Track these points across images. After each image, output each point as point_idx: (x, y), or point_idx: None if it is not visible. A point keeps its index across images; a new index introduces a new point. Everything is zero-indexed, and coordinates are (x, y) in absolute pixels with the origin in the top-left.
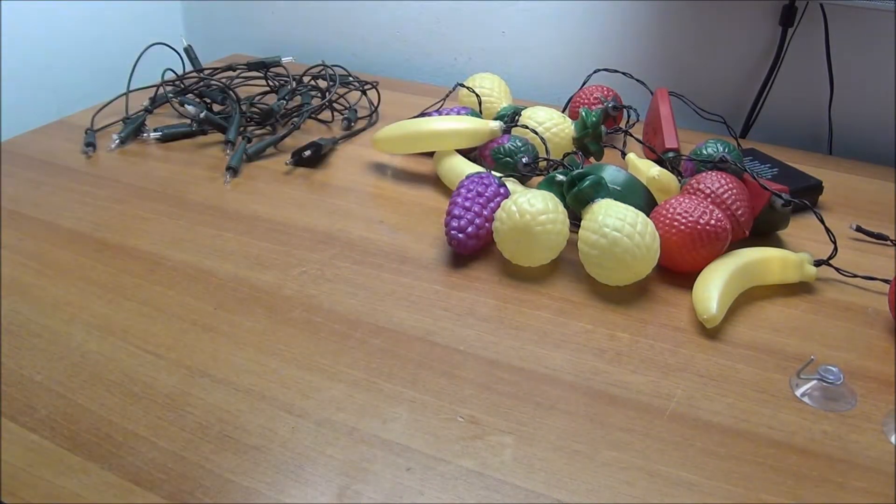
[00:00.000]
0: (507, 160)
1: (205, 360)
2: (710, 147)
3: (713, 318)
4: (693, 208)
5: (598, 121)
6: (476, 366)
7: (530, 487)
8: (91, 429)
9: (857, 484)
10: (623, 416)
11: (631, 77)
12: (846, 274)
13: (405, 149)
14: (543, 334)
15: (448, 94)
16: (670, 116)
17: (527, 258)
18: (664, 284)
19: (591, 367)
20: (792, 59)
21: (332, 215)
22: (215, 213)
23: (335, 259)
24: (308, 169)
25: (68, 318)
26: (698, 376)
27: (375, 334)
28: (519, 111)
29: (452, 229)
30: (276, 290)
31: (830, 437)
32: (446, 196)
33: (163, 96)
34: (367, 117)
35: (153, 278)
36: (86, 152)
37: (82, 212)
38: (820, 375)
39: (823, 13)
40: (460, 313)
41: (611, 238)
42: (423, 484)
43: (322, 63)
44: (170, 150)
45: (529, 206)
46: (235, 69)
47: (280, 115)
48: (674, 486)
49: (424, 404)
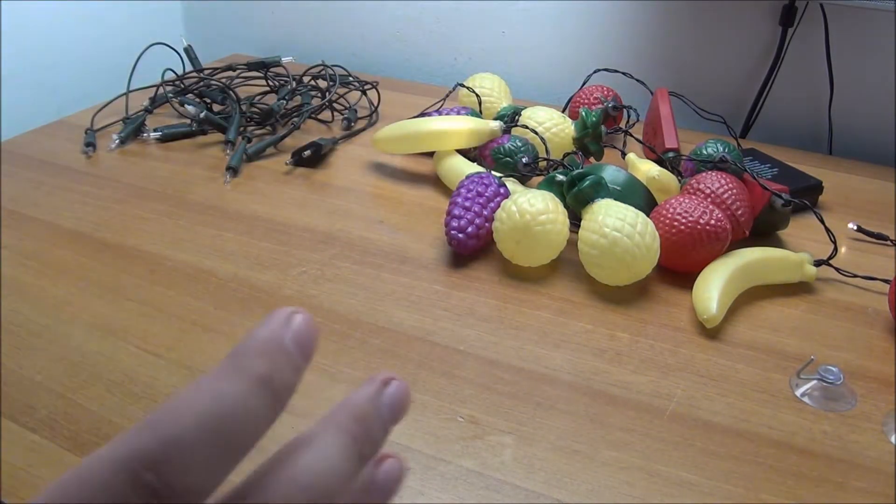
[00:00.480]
0: (507, 160)
1: (205, 360)
2: (710, 147)
3: (713, 318)
4: (693, 208)
5: (598, 121)
6: (476, 366)
7: (530, 487)
8: (91, 429)
9: (857, 484)
10: (623, 416)
11: (631, 77)
12: (846, 274)
13: (405, 149)
14: (543, 334)
15: (448, 94)
16: (670, 116)
17: (527, 258)
18: (664, 284)
19: (591, 367)
20: (792, 59)
21: (332, 215)
22: (215, 213)
23: (335, 259)
24: (308, 169)
25: (68, 318)
26: (698, 376)
27: (375, 334)
28: (519, 111)
29: (452, 229)
30: (276, 290)
31: (830, 437)
32: (446, 196)
33: (163, 96)
34: (367, 117)
35: (153, 278)
36: (86, 152)
37: (82, 212)
38: (820, 375)
39: (823, 13)
40: (460, 313)
41: (611, 238)
42: (423, 484)
43: (322, 63)
44: (170, 150)
45: (529, 206)
46: (235, 69)
47: (280, 115)
48: (674, 486)
49: (424, 404)
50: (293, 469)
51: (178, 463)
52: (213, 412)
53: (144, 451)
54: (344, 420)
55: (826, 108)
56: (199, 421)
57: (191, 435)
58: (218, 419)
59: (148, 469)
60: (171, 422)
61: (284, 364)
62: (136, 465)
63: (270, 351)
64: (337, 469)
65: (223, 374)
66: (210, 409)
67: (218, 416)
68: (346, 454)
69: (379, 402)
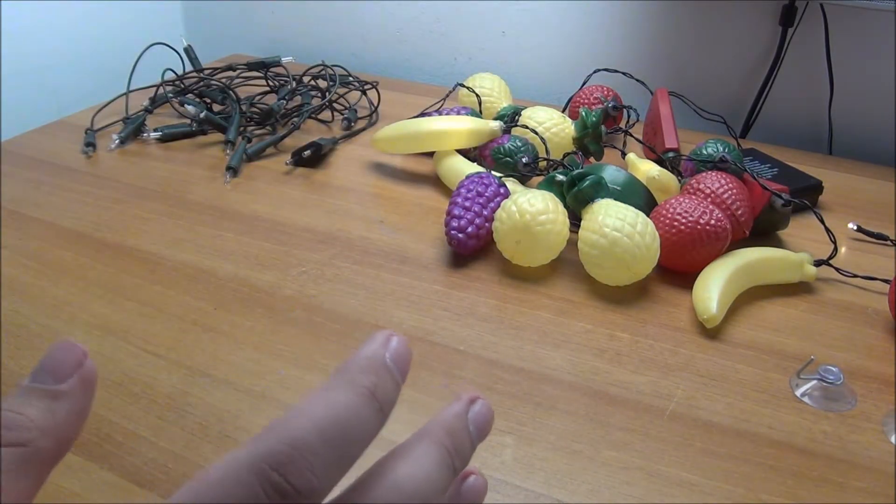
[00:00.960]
0: (507, 160)
1: (205, 360)
2: (710, 147)
3: (713, 318)
4: (693, 208)
5: (598, 121)
6: (476, 366)
7: (530, 487)
8: (91, 429)
9: (857, 484)
10: (623, 416)
11: (631, 77)
12: (846, 274)
13: (405, 149)
14: (543, 334)
15: (448, 94)
16: (670, 116)
17: (527, 258)
18: (664, 284)
19: (591, 367)
20: (792, 59)
21: (332, 215)
22: (215, 213)
23: (335, 259)
24: (308, 169)
25: (68, 318)
26: (698, 376)
27: None
28: (519, 111)
29: (452, 229)
30: (276, 290)
31: (830, 437)
32: (446, 196)
33: (163, 96)
34: (367, 117)
35: (153, 278)
36: (86, 152)
37: (82, 212)
38: (820, 375)
39: (823, 13)
40: (460, 313)
41: (611, 238)
42: None
43: (322, 63)
44: (170, 150)
45: (529, 206)
46: (235, 69)
47: (280, 115)
48: (674, 486)
49: (424, 404)
50: (395, 476)
51: (302, 464)
52: (330, 418)
53: (272, 452)
54: (438, 434)
55: (826, 108)
56: (319, 426)
57: (312, 438)
58: (335, 424)
59: (274, 469)
60: (294, 426)
61: (387, 379)
62: (264, 465)
63: (374, 367)
64: (434, 479)
65: (334, 387)
66: (327, 415)
67: (334, 421)
68: (441, 466)
69: (467, 420)
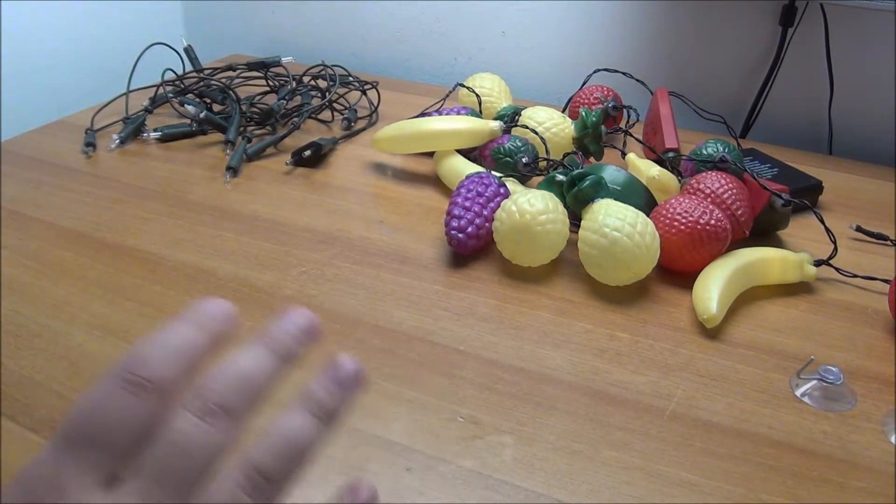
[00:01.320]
0: (507, 160)
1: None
2: (710, 147)
3: (713, 318)
4: (693, 208)
5: (598, 121)
6: (476, 366)
7: (530, 487)
8: None
9: (857, 484)
10: (623, 416)
11: (631, 77)
12: (846, 274)
13: (405, 149)
14: (543, 334)
15: (448, 94)
16: (670, 116)
17: (527, 258)
18: (664, 284)
19: (591, 367)
20: (792, 59)
21: (332, 215)
22: (215, 213)
23: (335, 259)
24: (308, 169)
25: (68, 318)
26: (698, 376)
27: (375, 334)
28: (519, 111)
29: (452, 229)
30: (276, 290)
31: (830, 437)
32: (446, 196)
33: (163, 96)
34: (367, 117)
35: (153, 278)
36: (86, 152)
37: (82, 212)
38: (820, 375)
39: (823, 13)
40: (460, 313)
41: (611, 238)
42: (423, 484)
43: (322, 63)
44: (170, 150)
45: (529, 206)
46: (235, 69)
47: (280, 115)
48: (674, 486)
49: (424, 404)
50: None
51: (149, 362)
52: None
53: (122, 363)
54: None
55: (826, 108)
56: (152, 341)
57: (150, 348)
58: (165, 332)
59: (126, 369)
60: (137, 348)
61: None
62: (118, 372)
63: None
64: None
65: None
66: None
67: (164, 334)
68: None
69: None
